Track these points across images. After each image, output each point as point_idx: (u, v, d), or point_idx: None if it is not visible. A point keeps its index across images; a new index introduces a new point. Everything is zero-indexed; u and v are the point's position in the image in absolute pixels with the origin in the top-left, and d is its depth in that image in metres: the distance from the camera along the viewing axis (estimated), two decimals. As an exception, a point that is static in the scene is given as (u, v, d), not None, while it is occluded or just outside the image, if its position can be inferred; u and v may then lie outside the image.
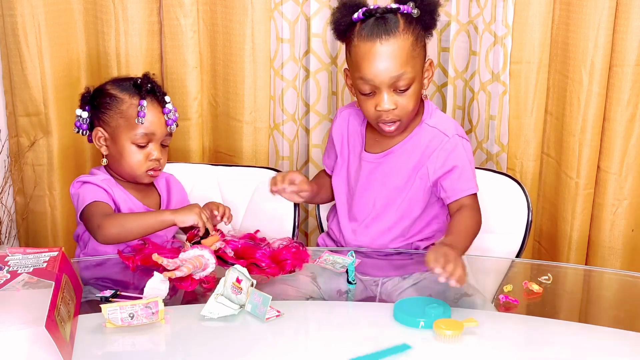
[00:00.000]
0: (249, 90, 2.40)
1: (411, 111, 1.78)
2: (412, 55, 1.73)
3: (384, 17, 1.73)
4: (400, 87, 1.73)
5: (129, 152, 1.80)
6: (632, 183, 2.25)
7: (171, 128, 1.83)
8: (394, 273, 1.74)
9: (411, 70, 1.73)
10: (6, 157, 2.48)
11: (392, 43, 1.71)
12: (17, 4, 2.28)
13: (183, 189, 2.00)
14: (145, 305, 1.42)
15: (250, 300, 1.48)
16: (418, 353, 1.38)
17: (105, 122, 1.81)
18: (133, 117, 1.78)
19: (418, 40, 1.75)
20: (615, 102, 2.20)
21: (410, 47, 1.72)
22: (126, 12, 2.34)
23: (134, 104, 1.78)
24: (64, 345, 1.28)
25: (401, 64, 1.71)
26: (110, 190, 1.80)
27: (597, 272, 1.97)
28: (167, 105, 1.82)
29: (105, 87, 1.84)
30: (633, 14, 2.11)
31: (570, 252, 2.34)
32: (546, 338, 1.44)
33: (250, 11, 2.33)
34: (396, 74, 1.71)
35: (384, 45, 1.71)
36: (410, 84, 1.73)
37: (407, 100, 1.75)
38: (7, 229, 2.51)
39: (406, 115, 1.77)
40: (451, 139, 1.80)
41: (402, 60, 1.71)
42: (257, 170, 2.18)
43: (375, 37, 1.72)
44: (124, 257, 1.71)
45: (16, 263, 1.41)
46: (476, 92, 2.40)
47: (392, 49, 1.71)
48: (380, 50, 1.71)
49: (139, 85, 1.81)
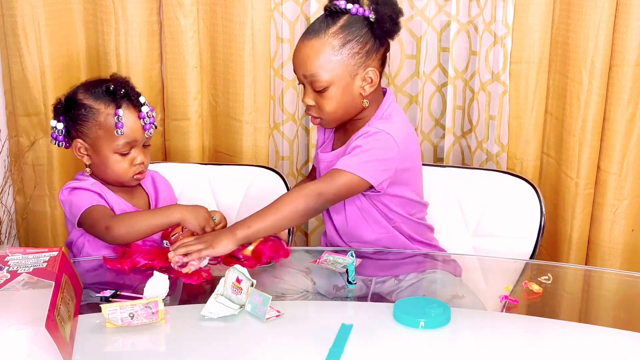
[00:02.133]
0: (249, 90, 2.40)
1: (330, 113, 1.77)
2: (330, 59, 1.72)
3: (323, 17, 1.75)
4: (315, 88, 1.74)
5: (113, 161, 1.77)
6: (632, 183, 2.25)
7: (148, 133, 1.78)
8: (391, 272, 1.74)
9: (326, 74, 1.72)
10: (6, 157, 2.48)
11: (311, 44, 1.73)
12: (17, 4, 2.28)
13: (170, 186, 1.99)
14: (145, 305, 1.42)
15: (250, 300, 1.48)
16: (418, 353, 1.39)
17: (84, 134, 1.77)
18: (112, 128, 1.73)
19: (350, 45, 1.72)
20: (615, 102, 2.20)
21: (331, 52, 1.71)
22: (126, 12, 2.34)
23: (111, 113, 1.74)
24: (64, 345, 1.28)
25: (313, 66, 1.72)
26: (103, 193, 1.79)
27: (597, 272, 1.97)
28: (142, 108, 1.77)
29: (77, 96, 1.78)
30: (633, 14, 2.11)
31: (570, 252, 2.34)
32: (546, 338, 1.44)
33: (250, 11, 2.33)
34: (307, 73, 1.74)
35: (304, 44, 1.74)
36: (326, 87, 1.73)
37: (324, 102, 1.75)
38: (7, 229, 2.51)
39: (326, 115, 1.77)
40: (372, 127, 1.76)
41: (315, 62, 1.72)
42: (252, 168, 2.18)
43: (303, 35, 1.77)
44: (112, 262, 1.70)
45: (16, 263, 1.41)
46: (476, 92, 2.40)
47: (307, 49, 1.73)
48: (299, 46, 1.76)
49: (112, 92, 1.75)
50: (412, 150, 1.83)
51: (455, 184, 2.13)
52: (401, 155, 1.76)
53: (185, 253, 1.64)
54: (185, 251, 1.64)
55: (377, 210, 1.83)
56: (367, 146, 1.74)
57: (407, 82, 2.48)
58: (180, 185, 2.08)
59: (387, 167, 1.75)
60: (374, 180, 1.74)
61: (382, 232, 1.85)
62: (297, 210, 1.70)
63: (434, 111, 2.51)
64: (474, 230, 2.10)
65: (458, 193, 2.12)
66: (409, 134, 1.83)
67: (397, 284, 1.68)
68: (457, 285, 1.70)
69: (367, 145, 1.74)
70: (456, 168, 2.23)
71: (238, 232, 1.67)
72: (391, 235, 1.85)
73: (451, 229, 2.11)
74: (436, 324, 1.44)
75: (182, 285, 1.63)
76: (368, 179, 1.73)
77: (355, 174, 1.72)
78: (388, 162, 1.75)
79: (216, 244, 1.65)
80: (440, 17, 2.42)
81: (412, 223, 1.88)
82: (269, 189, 2.09)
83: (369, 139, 1.74)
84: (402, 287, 1.67)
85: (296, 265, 1.75)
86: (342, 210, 1.86)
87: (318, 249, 1.93)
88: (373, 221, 1.85)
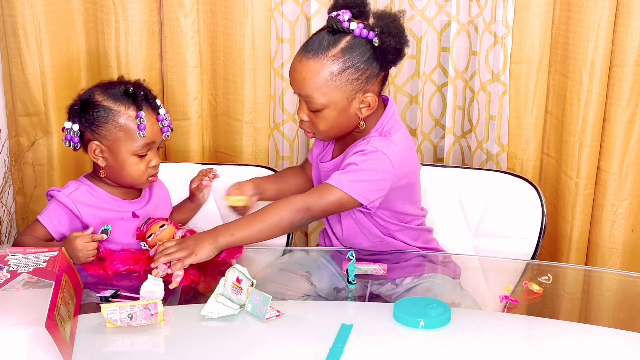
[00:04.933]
0: (249, 90, 2.40)
1: (324, 132, 1.74)
2: (327, 84, 1.67)
3: (328, 34, 1.68)
4: (310, 108, 1.71)
5: (130, 164, 1.76)
6: (632, 183, 2.25)
7: (166, 135, 1.79)
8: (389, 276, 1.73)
9: (322, 97, 1.68)
10: (6, 157, 2.48)
11: (308, 65, 1.67)
12: (17, 4, 2.28)
13: (165, 187, 1.97)
14: (145, 307, 1.42)
15: (250, 300, 1.48)
16: (418, 353, 1.39)
17: (102, 136, 1.74)
18: (132, 130, 1.72)
19: (349, 72, 1.67)
20: (615, 102, 2.20)
21: (328, 77, 1.66)
22: (126, 12, 2.34)
23: (132, 115, 1.72)
24: (64, 345, 1.28)
25: (308, 88, 1.68)
26: (75, 208, 1.77)
27: (597, 272, 1.97)
28: (160, 111, 1.77)
29: (95, 98, 1.75)
30: (633, 14, 2.11)
31: (570, 252, 2.34)
32: (546, 338, 1.44)
33: (250, 11, 2.33)
34: (303, 93, 1.70)
35: (301, 63, 1.68)
36: (321, 109, 1.70)
37: (318, 120, 1.72)
38: (7, 229, 2.51)
39: (320, 133, 1.75)
40: (369, 145, 1.72)
41: (311, 85, 1.67)
42: (252, 168, 2.18)
43: (302, 49, 1.70)
44: (93, 268, 1.69)
45: (16, 263, 1.41)
46: (476, 92, 2.40)
47: (304, 70, 1.68)
48: (296, 64, 1.70)
49: (132, 95, 1.74)
50: (408, 168, 1.78)
51: (455, 184, 2.13)
52: (396, 175, 1.72)
53: (168, 261, 1.62)
54: (167, 259, 1.62)
55: (371, 223, 1.82)
56: (362, 165, 1.70)
57: (407, 82, 2.48)
58: (180, 185, 2.08)
59: (380, 188, 1.72)
60: (364, 200, 1.71)
61: (377, 240, 1.84)
62: (282, 223, 1.68)
63: (434, 111, 2.51)
64: (474, 230, 2.10)
65: (458, 193, 2.12)
66: (407, 151, 1.79)
67: (394, 288, 1.68)
68: (456, 291, 1.68)
69: (362, 164, 1.70)
70: (456, 168, 2.24)
71: (220, 239, 1.65)
72: (386, 243, 1.84)
73: (452, 229, 2.11)
74: (436, 324, 1.44)
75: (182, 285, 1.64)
76: (358, 199, 1.70)
77: (346, 192, 1.69)
78: (381, 182, 1.72)
79: (198, 251, 1.63)
80: (441, 17, 2.42)
81: (408, 230, 1.87)
82: (269, 189, 2.09)
83: (365, 157, 1.70)
84: (399, 292, 1.66)
85: (296, 267, 1.74)
86: (339, 221, 1.85)
87: (318, 249, 1.94)
88: (368, 232, 1.84)
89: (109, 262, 1.69)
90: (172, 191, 2.02)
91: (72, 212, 1.77)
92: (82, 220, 1.77)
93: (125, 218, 1.81)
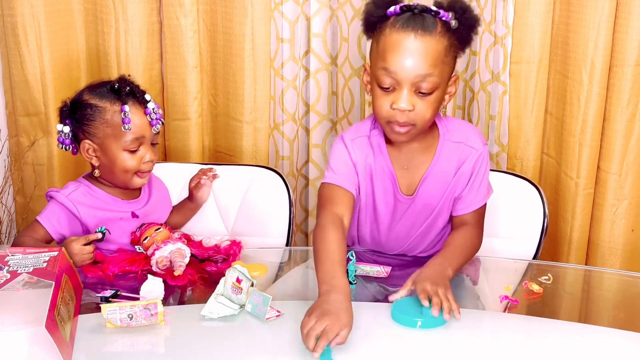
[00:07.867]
0: (249, 90, 2.40)
1: (427, 120, 1.62)
2: (442, 60, 1.59)
3: (422, 15, 1.60)
4: (422, 89, 1.58)
5: (122, 160, 1.76)
6: (632, 183, 2.25)
7: (155, 128, 1.79)
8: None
9: (438, 75, 1.58)
10: (6, 157, 2.48)
11: (427, 40, 1.56)
12: (17, 4, 2.28)
13: (165, 187, 1.98)
14: (145, 307, 1.42)
15: (250, 300, 1.48)
16: (416, 353, 1.39)
17: (92, 134, 1.76)
18: (119, 125, 1.73)
19: (451, 49, 1.61)
20: (615, 102, 2.20)
21: (443, 52, 1.58)
22: (126, 12, 2.34)
23: (117, 110, 1.73)
24: (64, 345, 1.28)
25: (430, 65, 1.56)
26: (75, 209, 1.77)
27: (597, 272, 1.97)
28: (148, 104, 1.77)
29: (82, 97, 1.77)
30: (633, 14, 2.11)
31: (570, 252, 2.34)
32: (546, 338, 1.44)
33: (250, 11, 2.33)
34: (423, 72, 1.56)
35: (418, 41, 1.56)
36: (434, 89, 1.58)
37: (426, 106, 1.60)
38: (7, 229, 2.51)
39: (422, 121, 1.61)
40: (479, 152, 1.73)
41: (432, 60, 1.57)
42: (251, 168, 2.18)
43: (410, 30, 1.57)
44: (91, 270, 1.69)
45: (16, 263, 1.41)
46: (476, 92, 2.40)
47: (425, 46, 1.56)
48: (412, 44, 1.56)
49: (117, 90, 1.75)
50: None
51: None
52: None
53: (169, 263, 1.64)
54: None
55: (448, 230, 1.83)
56: (484, 174, 1.76)
57: (407, 82, 2.48)
58: (180, 185, 2.08)
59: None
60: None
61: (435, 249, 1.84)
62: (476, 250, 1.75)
63: (434, 111, 2.51)
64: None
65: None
66: None
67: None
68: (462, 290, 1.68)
69: (483, 172, 1.76)
70: (456, 168, 2.23)
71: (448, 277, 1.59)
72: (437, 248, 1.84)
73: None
74: (433, 323, 1.44)
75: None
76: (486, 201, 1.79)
77: (486, 200, 1.78)
78: None
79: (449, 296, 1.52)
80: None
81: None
82: (269, 189, 2.09)
83: (482, 166, 1.75)
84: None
85: (295, 268, 1.73)
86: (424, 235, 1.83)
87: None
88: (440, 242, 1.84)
89: (105, 264, 1.69)
90: (172, 191, 2.03)
91: (72, 212, 1.77)
92: (81, 221, 1.78)
93: (124, 218, 1.81)
